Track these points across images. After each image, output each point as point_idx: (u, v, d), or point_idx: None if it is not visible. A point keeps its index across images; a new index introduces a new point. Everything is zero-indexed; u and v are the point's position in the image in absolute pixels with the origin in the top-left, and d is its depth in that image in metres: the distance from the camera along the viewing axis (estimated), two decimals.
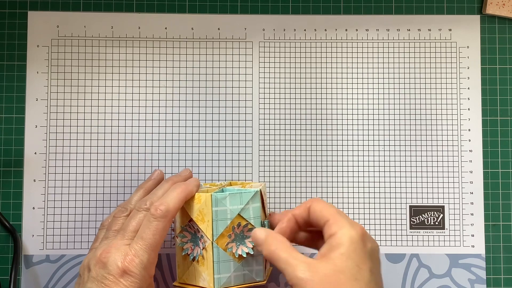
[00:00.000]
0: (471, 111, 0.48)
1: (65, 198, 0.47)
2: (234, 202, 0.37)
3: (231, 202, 0.37)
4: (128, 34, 0.48)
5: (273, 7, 0.49)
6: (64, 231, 0.47)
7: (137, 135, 0.48)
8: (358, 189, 0.48)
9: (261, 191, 0.39)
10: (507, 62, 0.49)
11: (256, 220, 0.38)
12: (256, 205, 0.38)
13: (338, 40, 0.49)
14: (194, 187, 0.38)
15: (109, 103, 0.48)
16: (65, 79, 0.48)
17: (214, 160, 0.48)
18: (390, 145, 0.48)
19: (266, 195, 0.43)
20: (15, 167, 0.47)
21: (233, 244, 0.37)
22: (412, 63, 0.49)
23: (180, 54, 0.48)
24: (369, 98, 0.48)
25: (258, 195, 0.38)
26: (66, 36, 0.48)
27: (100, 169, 0.47)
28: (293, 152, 0.48)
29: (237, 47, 0.49)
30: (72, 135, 0.47)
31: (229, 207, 0.37)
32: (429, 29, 0.49)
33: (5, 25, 0.48)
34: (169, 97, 0.48)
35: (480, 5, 0.49)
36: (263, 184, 0.43)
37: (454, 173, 0.48)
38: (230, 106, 0.48)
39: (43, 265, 0.46)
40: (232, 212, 0.37)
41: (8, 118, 0.47)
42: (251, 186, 0.43)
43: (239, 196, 0.37)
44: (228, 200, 0.37)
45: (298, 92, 0.48)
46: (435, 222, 0.47)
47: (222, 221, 0.37)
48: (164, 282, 0.47)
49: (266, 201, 0.42)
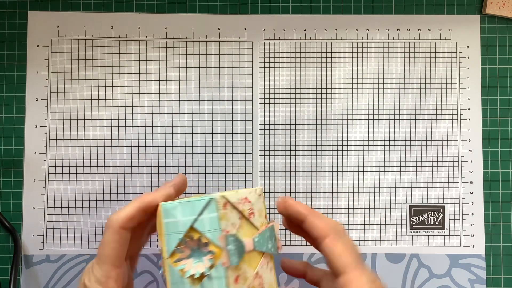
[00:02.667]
0: (471, 111, 0.49)
1: (65, 198, 0.47)
2: (186, 212, 0.31)
3: (183, 212, 0.31)
4: (128, 34, 0.48)
5: (273, 7, 0.49)
6: (64, 231, 0.47)
7: (137, 135, 0.48)
8: (358, 189, 0.48)
9: (226, 198, 0.31)
10: (507, 62, 0.49)
11: (214, 233, 0.30)
12: (213, 215, 0.30)
13: (338, 40, 0.49)
14: (156, 196, 0.33)
15: (109, 103, 0.48)
16: (65, 79, 0.48)
17: (214, 160, 0.48)
18: (390, 145, 0.48)
19: (262, 204, 0.34)
20: (15, 167, 0.47)
21: (188, 261, 0.31)
22: (412, 63, 0.49)
23: (180, 54, 0.48)
24: (369, 98, 0.49)
25: (213, 203, 0.30)
26: (66, 36, 0.48)
27: (100, 169, 0.47)
28: (293, 152, 0.48)
29: (237, 47, 0.49)
30: (72, 135, 0.47)
31: (181, 218, 0.31)
32: (429, 29, 0.49)
33: (5, 25, 0.48)
34: (169, 97, 0.48)
35: (480, 5, 0.49)
36: (244, 190, 0.34)
37: (454, 173, 0.48)
38: (230, 106, 0.48)
39: (43, 265, 0.46)
40: (184, 224, 0.31)
41: (8, 118, 0.47)
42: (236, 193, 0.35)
43: (191, 205, 0.31)
44: (179, 210, 0.31)
45: (298, 92, 0.48)
46: (435, 222, 0.47)
47: (174, 234, 0.31)
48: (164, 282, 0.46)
49: (262, 209, 0.34)
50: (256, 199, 0.33)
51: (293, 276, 0.37)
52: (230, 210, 0.31)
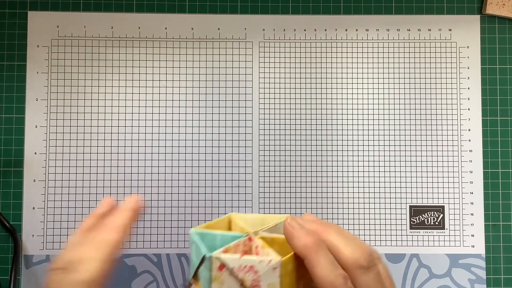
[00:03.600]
0: (471, 111, 0.48)
1: (65, 198, 0.47)
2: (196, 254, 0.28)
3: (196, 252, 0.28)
4: (128, 34, 0.48)
5: (273, 7, 0.49)
6: (64, 231, 0.47)
7: (137, 135, 0.48)
8: (358, 189, 0.48)
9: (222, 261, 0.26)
10: (507, 62, 0.49)
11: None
12: (205, 274, 0.26)
13: (338, 40, 0.49)
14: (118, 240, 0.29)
15: (109, 103, 0.48)
16: (65, 79, 0.48)
17: (214, 160, 0.47)
18: (390, 145, 0.48)
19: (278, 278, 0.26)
20: (15, 167, 0.47)
21: None
22: (412, 63, 0.49)
23: (180, 54, 0.48)
24: (369, 98, 0.48)
25: (207, 261, 0.26)
26: (66, 36, 0.48)
27: (100, 169, 0.47)
28: (293, 152, 0.48)
29: (237, 47, 0.49)
30: (72, 135, 0.47)
31: (194, 257, 0.28)
32: (429, 29, 0.49)
33: (5, 25, 0.48)
34: (169, 97, 0.48)
35: (480, 5, 0.49)
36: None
37: (454, 173, 0.48)
38: (230, 106, 0.48)
39: (43, 265, 0.46)
40: (193, 266, 0.28)
41: (8, 118, 0.47)
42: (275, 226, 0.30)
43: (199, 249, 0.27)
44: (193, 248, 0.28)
45: (298, 92, 0.48)
46: (435, 222, 0.47)
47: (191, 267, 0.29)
48: (164, 282, 0.47)
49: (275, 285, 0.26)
50: (266, 271, 0.26)
51: None
52: (228, 275, 0.26)
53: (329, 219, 0.47)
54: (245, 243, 0.28)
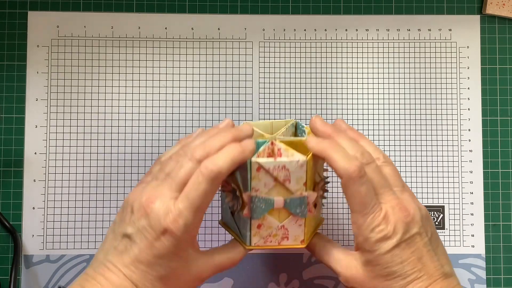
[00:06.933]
0: (471, 111, 0.49)
1: (65, 198, 0.47)
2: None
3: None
4: (128, 34, 0.48)
5: (273, 7, 0.49)
6: (64, 231, 0.47)
7: (137, 135, 0.48)
8: None
9: (260, 164, 0.33)
10: (507, 62, 0.49)
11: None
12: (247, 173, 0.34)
13: (338, 40, 0.49)
14: (249, 153, 0.33)
15: (109, 103, 0.48)
16: (65, 79, 0.48)
17: None
18: (389, 145, 0.48)
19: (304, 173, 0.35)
20: (15, 167, 0.47)
21: (230, 195, 0.36)
22: (412, 63, 0.49)
23: (180, 54, 0.48)
24: (369, 98, 0.49)
25: (248, 163, 0.33)
26: (66, 36, 0.48)
27: (100, 169, 0.47)
28: None
29: (237, 47, 0.49)
30: (72, 135, 0.47)
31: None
32: (429, 29, 0.49)
33: (5, 25, 0.48)
34: (169, 97, 0.48)
35: (480, 5, 0.49)
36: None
37: (454, 173, 0.48)
38: (230, 106, 0.48)
39: (43, 265, 0.46)
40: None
41: (8, 118, 0.47)
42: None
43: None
44: None
45: (298, 92, 0.48)
46: (435, 222, 0.47)
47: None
48: None
49: (302, 177, 0.35)
50: (295, 169, 0.34)
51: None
52: (264, 174, 0.33)
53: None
54: (268, 148, 0.34)
